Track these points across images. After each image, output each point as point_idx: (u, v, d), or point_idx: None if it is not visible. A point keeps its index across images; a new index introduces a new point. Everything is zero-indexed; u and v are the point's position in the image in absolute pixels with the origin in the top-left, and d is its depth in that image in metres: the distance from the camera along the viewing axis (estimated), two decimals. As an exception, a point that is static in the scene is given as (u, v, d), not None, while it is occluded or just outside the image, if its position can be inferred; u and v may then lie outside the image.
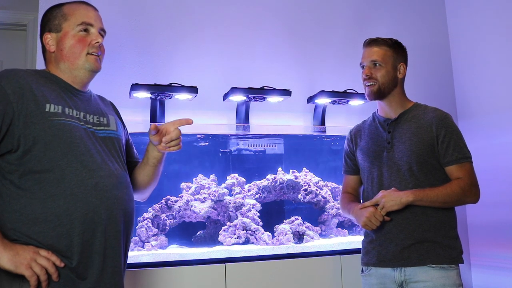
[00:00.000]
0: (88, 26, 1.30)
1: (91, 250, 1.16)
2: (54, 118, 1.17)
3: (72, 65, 1.28)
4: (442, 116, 1.60)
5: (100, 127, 1.31)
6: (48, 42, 1.30)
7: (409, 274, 1.51)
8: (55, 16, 1.31)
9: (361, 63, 1.68)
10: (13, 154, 1.14)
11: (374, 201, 1.54)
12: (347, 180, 1.80)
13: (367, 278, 1.63)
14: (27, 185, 1.13)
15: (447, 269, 1.50)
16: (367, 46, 1.67)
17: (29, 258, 1.07)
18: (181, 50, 2.39)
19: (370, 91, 1.64)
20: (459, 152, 1.56)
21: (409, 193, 1.50)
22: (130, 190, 1.32)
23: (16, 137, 1.13)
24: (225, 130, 2.37)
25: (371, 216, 1.51)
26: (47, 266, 1.08)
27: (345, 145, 1.82)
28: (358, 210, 1.58)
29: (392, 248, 1.55)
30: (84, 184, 1.16)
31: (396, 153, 1.59)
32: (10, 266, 1.06)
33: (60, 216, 1.13)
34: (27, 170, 1.13)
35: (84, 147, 1.20)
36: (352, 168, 1.78)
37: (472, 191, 1.55)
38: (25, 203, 1.12)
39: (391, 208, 1.51)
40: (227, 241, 2.04)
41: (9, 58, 2.70)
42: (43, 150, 1.14)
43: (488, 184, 2.47)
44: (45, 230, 1.12)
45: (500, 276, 2.51)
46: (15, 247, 1.08)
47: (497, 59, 2.61)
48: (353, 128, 1.82)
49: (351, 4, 2.78)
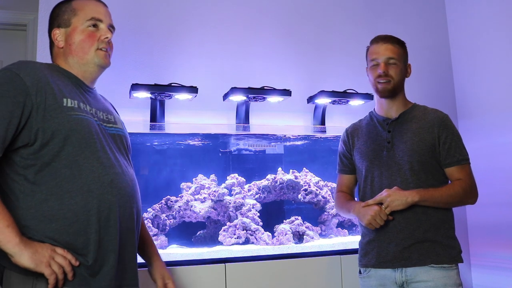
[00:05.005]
0: (97, 21, 1.29)
1: (107, 247, 1.14)
2: (72, 113, 1.16)
3: (81, 60, 1.27)
4: (443, 118, 1.62)
5: (110, 124, 1.30)
6: (57, 38, 1.29)
7: (410, 274, 1.51)
8: (64, 11, 1.29)
9: (374, 59, 1.62)
10: (29, 148, 1.11)
11: (378, 200, 1.52)
12: (342, 179, 1.78)
13: (366, 280, 1.61)
14: (43, 180, 1.11)
15: (447, 269, 1.50)
16: (381, 42, 1.63)
17: (48, 256, 1.05)
18: (181, 50, 2.39)
19: (384, 88, 1.61)
20: (460, 153, 1.58)
21: (414, 193, 1.49)
22: (138, 188, 1.31)
23: (34, 130, 1.11)
24: (225, 130, 2.37)
25: (376, 215, 1.49)
26: (64, 264, 1.06)
27: (341, 144, 1.80)
28: (361, 209, 1.55)
29: (392, 249, 1.53)
30: (100, 181, 1.15)
31: (397, 152, 1.59)
32: (31, 264, 1.03)
33: (78, 213, 1.11)
34: (44, 164, 1.11)
35: (100, 144, 1.19)
36: (348, 167, 1.75)
37: (472, 192, 1.57)
38: (41, 200, 1.10)
39: (396, 207, 1.49)
40: (227, 241, 2.04)
41: (9, 58, 2.69)
42: (61, 145, 1.12)
43: (488, 184, 2.48)
44: (63, 227, 1.09)
45: (500, 276, 2.50)
46: (34, 245, 1.05)
47: (497, 59, 2.61)
48: (349, 127, 1.79)
49: (351, 4, 2.78)
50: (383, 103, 1.68)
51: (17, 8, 2.66)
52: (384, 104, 1.68)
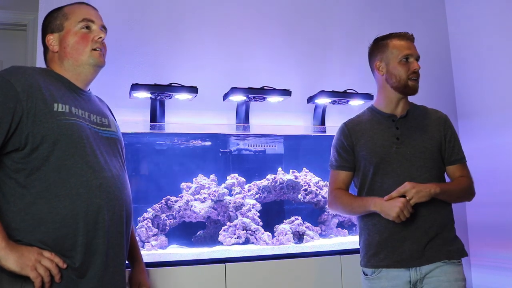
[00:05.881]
0: (89, 22, 1.32)
1: (94, 250, 1.16)
2: (62, 118, 1.17)
3: (76, 61, 1.29)
4: (445, 117, 1.67)
5: (103, 128, 1.31)
6: (51, 43, 1.31)
7: (424, 271, 1.51)
8: (56, 17, 1.33)
9: (406, 54, 1.59)
10: (20, 152, 1.13)
11: (402, 192, 1.46)
12: (340, 176, 1.67)
13: (375, 281, 1.54)
14: (33, 184, 1.13)
15: (457, 264, 1.53)
16: (409, 39, 1.63)
17: (34, 260, 1.07)
18: (181, 50, 2.39)
19: (415, 86, 1.60)
20: (462, 152, 1.64)
21: (435, 185, 1.48)
22: (129, 191, 1.33)
23: (24, 135, 1.13)
24: (225, 130, 2.37)
25: (404, 207, 1.43)
26: (50, 267, 1.09)
27: (340, 139, 1.69)
28: (384, 202, 1.47)
29: (407, 247, 1.51)
30: (89, 185, 1.17)
31: (408, 149, 1.57)
32: (16, 267, 1.06)
33: (66, 217, 1.13)
34: (34, 168, 1.13)
35: (90, 148, 1.21)
36: (349, 164, 1.66)
37: (473, 189, 1.62)
38: (30, 203, 1.12)
39: (421, 199, 1.45)
40: (227, 241, 2.04)
41: (9, 58, 2.70)
42: (51, 149, 1.14)
43: (487, 184, 2.48)
44: (51, 230, 1.12)
45: (500, 276, 2.51)
46: (20, 249, 1.08)
47: (497, 59, 2.61)
48: (348, 123, 1.71)
49: (351, 4, 2.78)
50: (395, 100, 1.63)
51: (17, 8, 2.66)
52: (395, 101, 1.64)
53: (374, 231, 1.57)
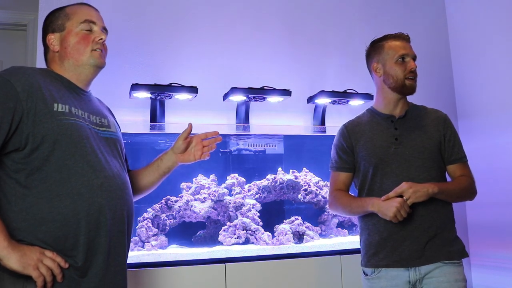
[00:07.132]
0: (90, 23, 1.32)
1: (96, 249, 1.17)
2: (62, 118, 1.18)
3: (76, 61, 1.30)
4: (445, 116, 1.66)
5: (103, 128, 1.32)
6: (52, 43, 1.32)
7: (424, 271, 1.51)
8: (57, 17, 1.33)
9: (402, 54, 1.60)
10: (20, 152, 1.14)
11: (399, 192, 1.46)
12: (340, 177, 1.68)
13: (374, 281, 1.55)
14: (34, 184, 1.13)
15: (457, 265, 1.52)
16: (404, 39, 1.63)
17: (36, 259, 1.08)
18: (181, 50, 2.39)
19: (412, 85, 1.60)
20: (462, 151, 1.63)
21: (433, 185, 1.48)
22: (130, 191, 1.33)
23: (24, 135, 1.13)
24: (225, 130, 2.37)
25: (401, 207, 1.43)
26: (52, 267, 1.09)
27: (339, 141, 1.70)
28: (381, 203, 1.48)
29: (407, 247, 1.51)
30: (90, 184, 1.17)
31: (407, 149, 1.57)
32: (18, 267, 1.06)
33: (67, 216, 1.13)
34: (34, 168, 1.13)
35: (90, 147, 1.21)
36: (348, 165, 1.67)
37: (474, 188, 1.61)
38: (31, 203, 1.12)
39: (418, 199, 1.45)
40: (227, 241, 2.04)
41: (9, 58, 2.70)
42: (51, 149, 1.14)
43: (487, 184, 2.48)
44: (52, 229, 1.12)
45: (500, 276, 2.51)
46: (22, 248, 1.08)
47: (497, 59, 2.61)
48: (347, 124, 1.73)
49: (351, 4, 2.78)
50: (393, 100, 1.64)
51: (17, 8, 2.67)
52: (393, 101, 1.64)
53: (374, 231, 1.58)
